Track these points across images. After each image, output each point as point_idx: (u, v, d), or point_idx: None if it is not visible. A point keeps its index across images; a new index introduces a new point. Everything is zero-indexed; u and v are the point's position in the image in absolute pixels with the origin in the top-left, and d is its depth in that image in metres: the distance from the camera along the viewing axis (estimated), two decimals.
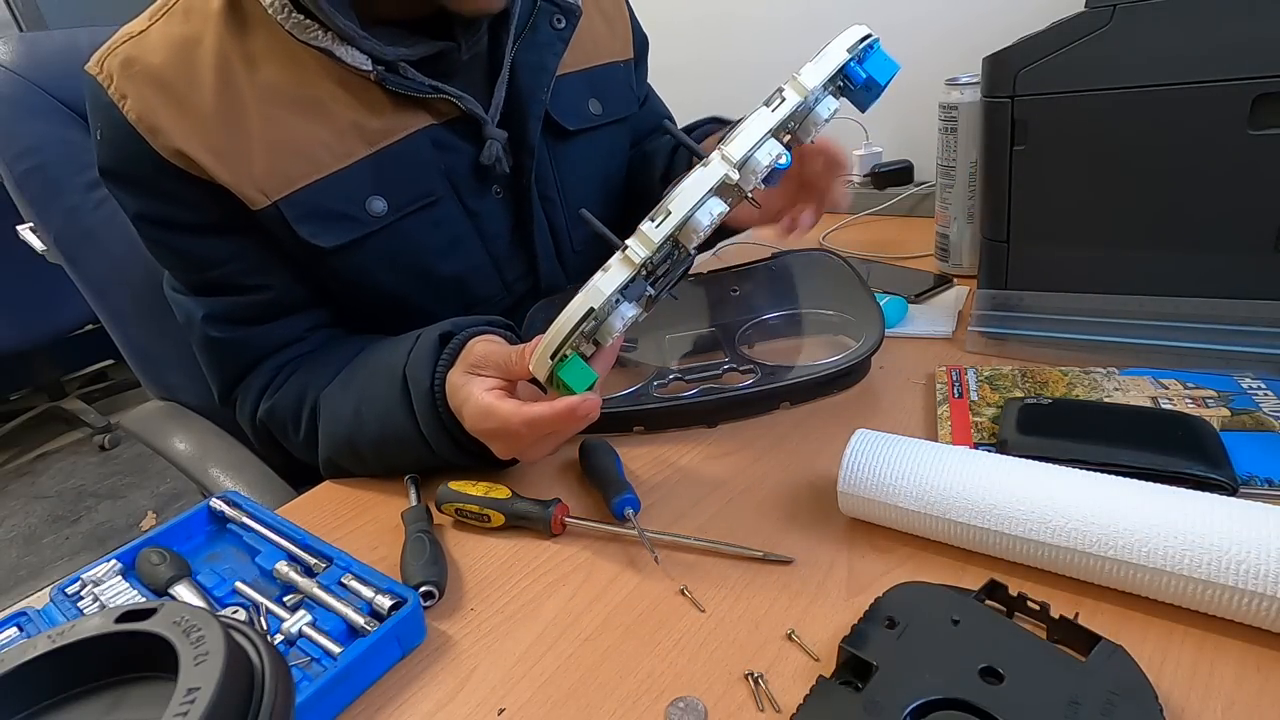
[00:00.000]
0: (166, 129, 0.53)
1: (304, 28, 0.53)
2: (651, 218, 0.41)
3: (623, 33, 0.75)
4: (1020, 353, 0.61)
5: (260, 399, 0.62)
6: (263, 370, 0.63)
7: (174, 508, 2.03)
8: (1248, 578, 0.33)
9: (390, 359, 0.54)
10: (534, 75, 0.63)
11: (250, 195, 0.55)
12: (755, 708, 0.35)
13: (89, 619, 0.27)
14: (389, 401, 0.53)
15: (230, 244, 0.58)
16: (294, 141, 0.55)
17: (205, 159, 0.53)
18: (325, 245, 0.57)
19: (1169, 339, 0.56)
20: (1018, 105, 0.60)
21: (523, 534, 0.50)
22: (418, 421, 0.52)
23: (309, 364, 0.62)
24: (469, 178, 0.62)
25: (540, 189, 0.67)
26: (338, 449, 0.57)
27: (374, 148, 0.57)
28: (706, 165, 0.42)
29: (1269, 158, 0.53)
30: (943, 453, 0.43)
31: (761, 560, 0.44)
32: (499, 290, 0.68)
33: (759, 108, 0.44)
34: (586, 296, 0.42)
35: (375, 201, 0.58)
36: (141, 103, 0.53)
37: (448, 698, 0.38)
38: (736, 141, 0.42)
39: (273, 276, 0.60)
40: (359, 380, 0.57)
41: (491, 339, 0.52)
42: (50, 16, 2.22)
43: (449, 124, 0.60)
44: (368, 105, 0.57)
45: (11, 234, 0.82)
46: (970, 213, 0.77)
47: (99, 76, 0.54)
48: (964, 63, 0.74)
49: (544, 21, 0.64)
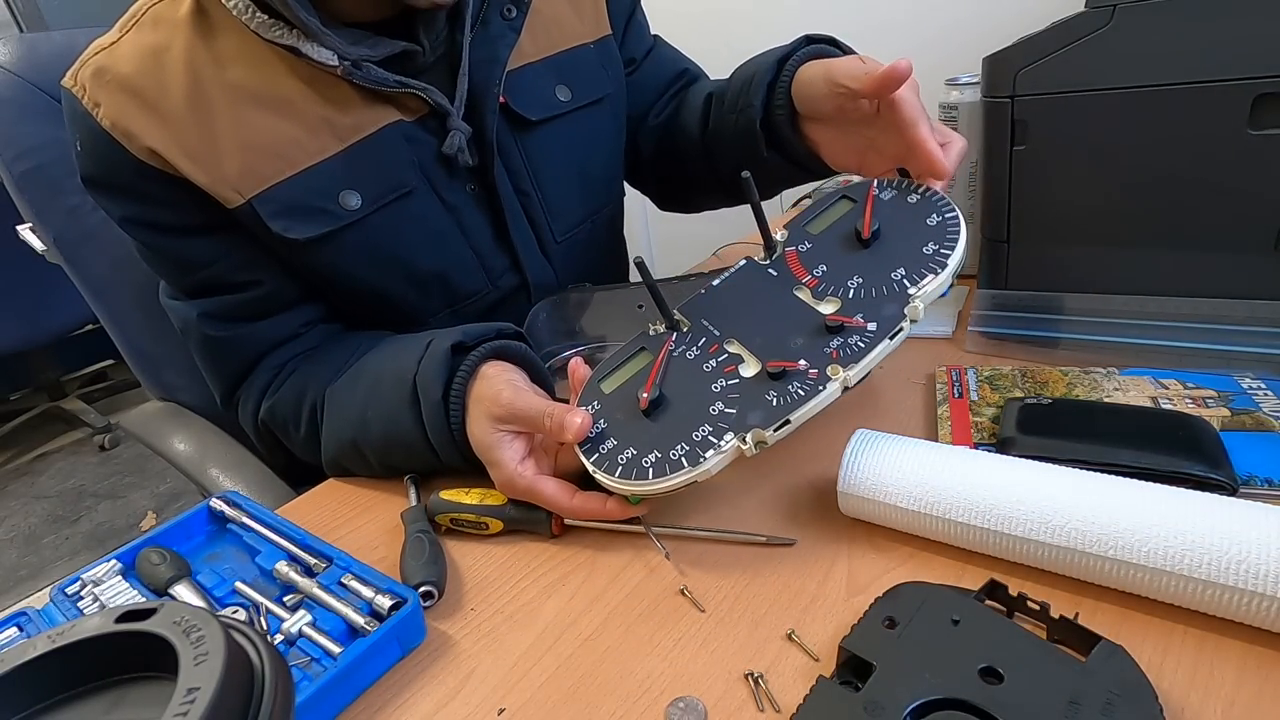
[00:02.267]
0: (140, 133, 0.53)
1: (269, 27, 0.54)
2: (776, 427, 0.41)
3: (591, 11, 0.72)
4: (1020, 353, 0.61)
5: (262, 398, 0.62)
6: (263, 369, 0.63)
7: (174, 508, 2.03)
8: (1248, 578, 0.33)
9: (399, 365, 0.54)
10: (486, 68, 0.61)
11: (224, 194, 0.55)
12: (755, 708, 0.35)
13: (89, 619, 0.26)
14: (397, 409, 0.53)
15: (215, 243, 0.58)
16: (265, 140, 0.55)
17: (179, 160, 0.54)
18: (299, 238, 0.57)
19: (1169, 339, 0.56)
20: (1018, 105, 0.60)
21: (522, 534, 0.50)
22: (425, 431, 0.52)
23: (309, 362, 0.62)
24: (442, 172, 0.62)
25: (513, 182, 0.66)
26: (342, 449, 0.57)
27: (345, 143, 0.57)
28: (824, 389, 0.42)
29: (1269, 158, 0.53)
30: (943, 453, 0.43)
31: (765, 544, 0.45)
32: (484, 284, 0.68)
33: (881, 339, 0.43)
34: (696, 472, 0.42)
35: (349, 196, 0.58)
36: (115, 109, 0.53)
37: (448, 698, 0.38)
38: (857, 367, 0.42)
39: (262, 272, 0.60)
40: (365, 383, 0.56)
41: (508, 372, 0.51)
42: (50, 17, 2.22)
43: (419, 120, 0.60)
44: (337, 102, 0.57)
45: (11, 234, 0.82)
46: (970, 213, 0.77)
47: (73, 89, 0.55)
48: (964, 63, 0.74)
49: (494, 14, 0.63)
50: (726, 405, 0.44)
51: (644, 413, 0.45)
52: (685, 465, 0.42)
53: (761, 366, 0.44)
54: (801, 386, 0.43)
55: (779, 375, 0.43)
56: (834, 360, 0.43)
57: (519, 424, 0.48)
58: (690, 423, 0.44)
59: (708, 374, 0.46)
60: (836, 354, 0.43)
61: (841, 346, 0.43)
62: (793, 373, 0.43)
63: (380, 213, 0.59)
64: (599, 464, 0.45)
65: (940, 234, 0.46)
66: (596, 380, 0.49)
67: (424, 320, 0.66)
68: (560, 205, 0.70)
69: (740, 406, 0.43)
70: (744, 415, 0.43)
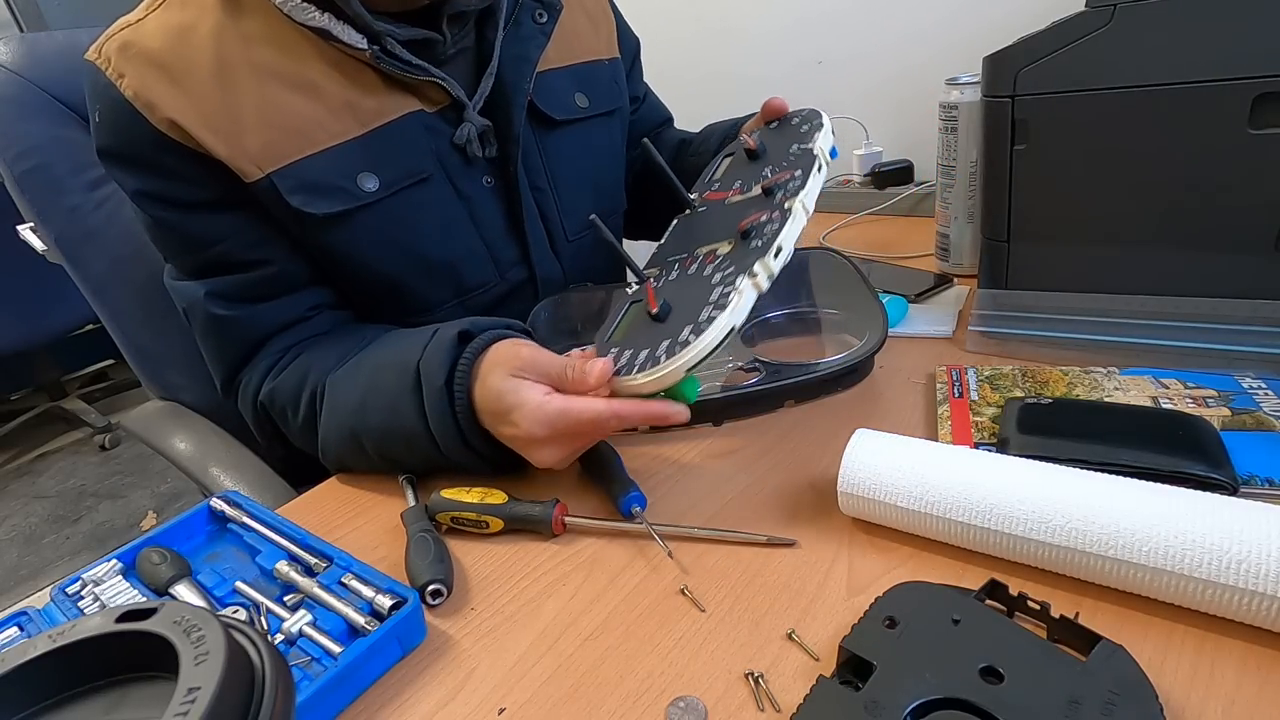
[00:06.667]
0: (161, 104, 0.54)
1: (302, 10, 0.55)
2: (774, 254, 0.47)
3: (607, 33, 0.77)
4: (1020, 352, 0.61)
5: (264, 380, 0.62)
6: (268, 352, 0.62)
7: (174, 507, 2.03)
8: (1248, 577, 0.33)
9: (402, 352, 0.54)
10: (517, 66, 0.65)
11: (244, 168, 0.56)
12: (755, 707, 0.35)
13: (89, 619, 0.27)
14: (398, 396, 0.52)
15: (228, 219, 0.59)
16: (288, 118, 0.56)
17: (200, 132, 0.55)
18: (317, 213, 0.58)
19: (1169, 339, 0.56)
20: (1018, 105, 0.60)
21: (522, 534, 0.50)
22: (426, 419, 0.51)
23: (314, 347, 0.62)
24: (458, 163, 0.64)
25: (530, 178, 0.69)
26: (341, 438, 0.57)
27: (367, 127, 0.59)
28: (792, 216, 0.49)
29: (1269, 158, 0.53)
30: (943, 452, 0.43)
31: (765, 545, 0.45)
32: (493, 276, 0.68)
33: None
34: (730, 317, 0.44)
35: (367, 178, 0.59)
36: (138, 80, 0.54)
37: (448, 697, 0.38)
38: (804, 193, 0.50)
39: (272, 251, 0.60)
40: (367, 370, 0.56)
41: (522, 341, 0.51)
42: (50, 17, 2.22)
43: (439, 112, 0.62)
44: (361, 87, 0.59)
45: (11, 234, 0.82)
46: (970, 212, 0.77)
47: (97, 61, 0.56)
48: (964, 62, 0.74)
49: (526, 16, 0.67)
50: (723, 273, 0.48)
51: (654, 317, 0.48)
52: (717, 316, 0.44)
53: (734, 236, 0.50)
54: (772, 223, 0.49)
55: (749, 231, 0.50)
56: (786, 200, 0.50)
57: (536, 375, 0.48)
58: (702, 299, 0.47)
59: (695, 274, 0.51)
60: (784, 197, 0.50)
61: (784, 192, 0.51)
62: (760, 221, 0.50)
63: (396, 197, 0.61)
64: (634, 371, 0.46)
65: (811, 120, 0.59)
66: (603, 339, 0.51)
67: (431, 310, 0.66)
68: (572, 205, 0.73)
69: (735, 264, 0.48)
70: (741, 267, 0.47)
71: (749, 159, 0.60)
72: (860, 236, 1.00)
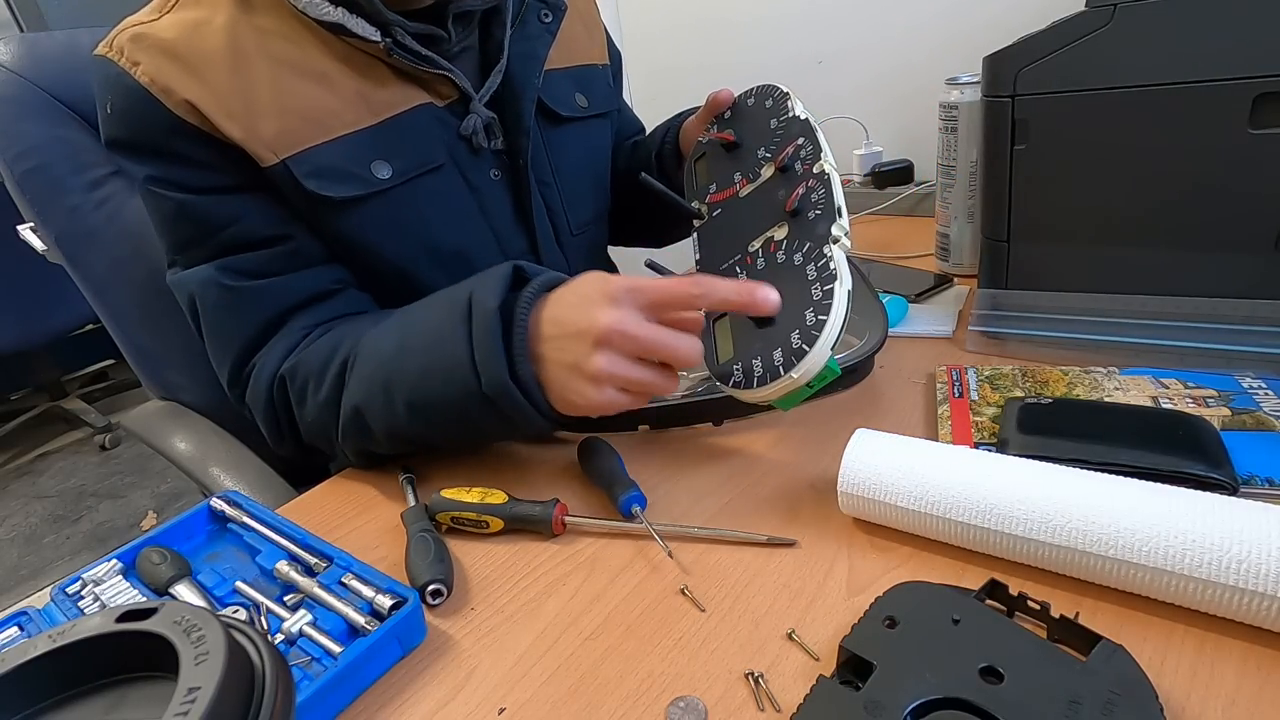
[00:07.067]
0: (179, 88, 0.54)
1: (316, 6, 0.56)
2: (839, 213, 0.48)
3: (599, 41, 0.80)
4: (1020, 352, 0.61)
5: (284, 359, 0.59)
6: (288, 330, 0.60)
7: (174, 507, 2.03)
8: (1248, 577, 0.33)
9: (452, 292, 0.52)
10: (525, 63, 0.67)
11: (259, 153, 0.56)
12: (755, 707, 0.35)
13: (89, 619, 0.27)
14: (442, 325, 0.50)
15: (245, 200, 0.59)
16: (302, 106, 0.57)
17: (216, 116, 0.55)
18: (334, 196, 0.58)
19: (1169, 339, 0.56)
20: (1018, 105, 0.60)
21: (523, 534, 0.50)
22: (472, 345, 0.48)
23: (347, 322, 0.60)
24: (467, 155, 0.65)
25: (536, 173, 0.70)
26: (367, 397, 0.53)
27: (379, 118, 0.60)
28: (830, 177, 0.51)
29: (1269, 158, 0.53)
30: (943, 452, 0.43)
31: (765, 545, 0.45)
32: None
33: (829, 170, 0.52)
34: (843, 285, 0.45)
35: (380, 166, 0.60)
36: (154, 67, 0.55)
37: (448, 697, 0.38)
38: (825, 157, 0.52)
39: (292, 229, 0.60)
40: (412, 314, 0.55)
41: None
42: (51, 17, 2.22)
43: (448, 106, 0.63)
44: (372, 80, 0.60)
45: (11, 234, 0.82)
46: (970, 212, 0.77)
47: (108, 54, 0.56)
48: (964, 62, 0.74)
49: (532, 16, 0.69)
50: (802, 252, 0.49)
51: (756, 323, 0.48)
52: (831, 287, 0.45)
53: (783, 218, 0.52)
54: (816, 191, 0.50)
55: (797, 209, 0.51)
56: (814, 166, 0.52)
57: (642, 299, 0.46)
58: (798, 283, 0.47)
59: (767, 267, 0.51)
60: (807, 165, 0.53)
61: (803, 160, 0.53)
62: (802, 193, 0.51)
63: (408, 185, 0.61)
64: (747, 384, 0.46)
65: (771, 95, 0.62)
66: (716, 364, 0.50)
67: None
68: (575, 200, 0.74)
69: (807, 240, 0.49)
70: (816, 239, 0.48)
71: (726, 151, 0.62)
72: (860, 236, 1.00)
